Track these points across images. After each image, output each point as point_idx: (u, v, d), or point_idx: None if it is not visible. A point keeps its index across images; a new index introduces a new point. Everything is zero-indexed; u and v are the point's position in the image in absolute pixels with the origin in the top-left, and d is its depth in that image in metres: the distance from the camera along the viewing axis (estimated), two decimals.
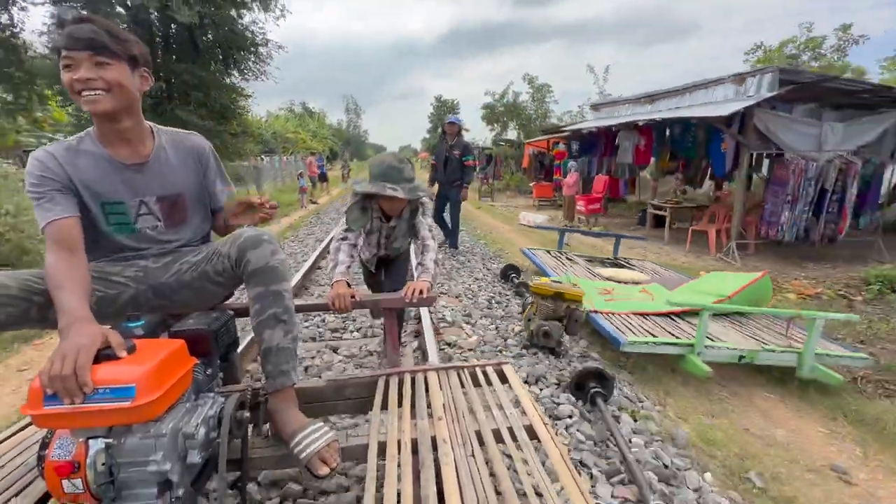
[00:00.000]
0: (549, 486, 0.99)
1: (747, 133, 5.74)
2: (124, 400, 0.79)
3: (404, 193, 1.78)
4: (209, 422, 0.99)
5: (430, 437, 1.17)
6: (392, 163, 1.82)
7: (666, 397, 2.33)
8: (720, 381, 2.54)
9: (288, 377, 1.19)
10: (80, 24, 1.06)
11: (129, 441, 0.86)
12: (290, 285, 1.26)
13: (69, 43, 1.04)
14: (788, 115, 5.91)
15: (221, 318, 1.32)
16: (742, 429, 2.10)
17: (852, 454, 1.98)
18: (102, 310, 1.16)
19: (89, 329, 0.87)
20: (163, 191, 1.25)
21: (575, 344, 2.80)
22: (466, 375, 1.51)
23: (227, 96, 11.12)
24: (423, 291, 1.77)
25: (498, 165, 16.79)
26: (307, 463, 1.09)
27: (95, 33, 1.05)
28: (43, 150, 1.14)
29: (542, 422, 1.25)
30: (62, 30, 1.06)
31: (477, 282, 4.27)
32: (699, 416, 2.17)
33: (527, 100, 20.33)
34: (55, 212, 1.07)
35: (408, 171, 1.84)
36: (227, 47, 10.93)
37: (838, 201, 5.61)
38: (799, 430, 2.14)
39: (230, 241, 1.24)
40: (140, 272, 1.26)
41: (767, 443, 2.00)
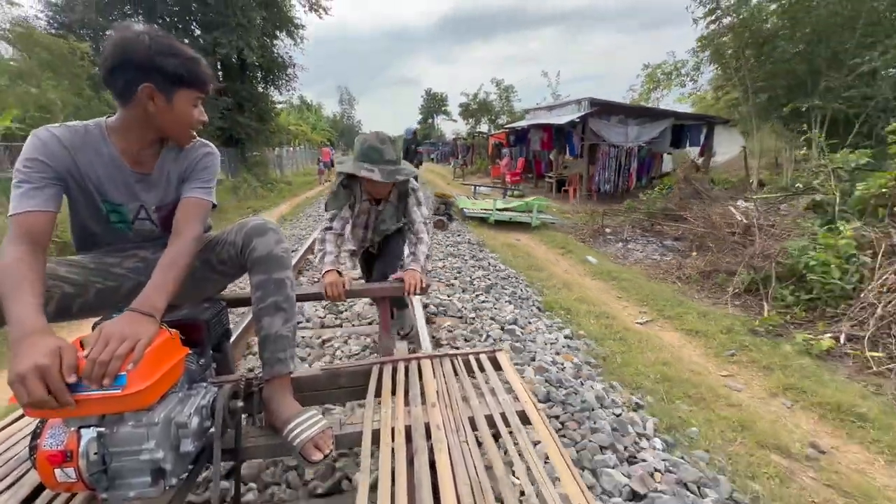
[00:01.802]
0: (541, 470, 1.00)
1: (585, 132, 10.31)
2: (115, 388, 0.79)
3: (381, 176, 1.72)
4: (202, 411, 0.99)
5: (424, 423, 1.18)
6: (373, 143, 1.75)
7: (480, 228, 6.95)
8: (507, 230, 7.15)
9: (285, 365, 1.20)
10: (206, 65, 1.12)
11: (122, 430, 0.86)
12: (292, 274, 1.26)
13: (205, 86, 1.13)
14: (607, 121, 10.45)
15: (214, 308, 1.31)
16: (507, 243, 6.66)
17: (553, 252, 6.48)
18: (102, 302, 1.15)
19: (47, 344, 0.77)
20: (162, 202, 1.22)
21: (460, 223, 7.40)
22: (460, 363, 1.51)
23: (265, 105, 15.56)
24: (420, 283, 1.77)
25: (473, 153, 21.35)
26: (301, 449, 1.09)
27: (214, 78, 1.15)
28: (48, 129, 1.06)
29: (534, 407, 1.25)
30: (188, 63, 1.07)
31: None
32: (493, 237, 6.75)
33: (494, 99, 24.97)
34: (37, 202, 1.00)
35: (389, 152, 1.75)
36: (266, 70, 15.35)
37: (628, 170, 10.21)
38: (555, 260, 6.52)
39: (236, 229, 1.25)
40: (140, 263, 1.24)
41: (522, 249, 6.43)
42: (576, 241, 6.47)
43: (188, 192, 1.20)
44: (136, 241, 1.25)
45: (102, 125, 1.12)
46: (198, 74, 1.09)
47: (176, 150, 1.22)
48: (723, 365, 2.73)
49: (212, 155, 1.28)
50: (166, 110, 1.08)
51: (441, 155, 30.08)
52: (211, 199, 1.24)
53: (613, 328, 3.18)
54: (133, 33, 1.02)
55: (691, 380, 2.48)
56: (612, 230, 6.96)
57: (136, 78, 1.02)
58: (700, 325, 3.26)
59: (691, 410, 2.18)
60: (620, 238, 6.56)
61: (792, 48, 6.84)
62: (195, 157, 1.24)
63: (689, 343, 3.04)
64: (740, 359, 2.79)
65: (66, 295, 1.09)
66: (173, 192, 1.23)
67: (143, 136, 1.13)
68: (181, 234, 1.12)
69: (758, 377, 2.58)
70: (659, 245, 6.11)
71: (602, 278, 4.53)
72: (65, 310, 1.11)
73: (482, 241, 6.06)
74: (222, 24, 12.36)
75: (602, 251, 5.97)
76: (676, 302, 3.77)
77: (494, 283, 3.94)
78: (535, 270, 4.67)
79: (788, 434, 2.03)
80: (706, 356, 2.86)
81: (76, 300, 1.12)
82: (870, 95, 6.29)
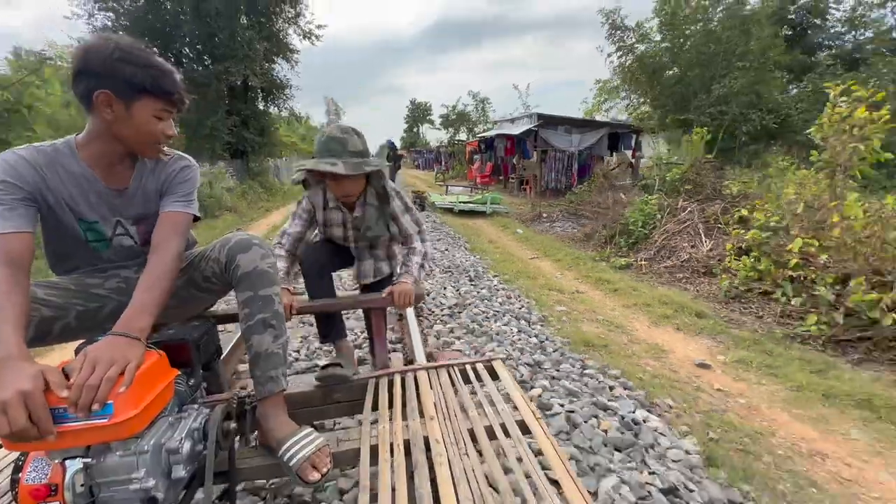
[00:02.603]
0: (544, 482, 0.98)
1: (538, 140, 12.65)
2: (101, 417, 0.75)
3: (345, 168, 1.47)
4: (194, 434, 0.96)
5: (423, 437, 1.15)
6: (333, 133, 1.52)
7: (446, 216, 9.14)
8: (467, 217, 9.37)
9: (277, 383, 1.16)
10: (176, 78, 1.07)
11: (110, 459, 0.83)
12: (280, 289, 1.23)
13: (170, 97, 1.07)
14: (555, 131, 12.81)
15: (202, 326, 1.27)
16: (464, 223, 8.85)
17: (494, 228, 8.71)
18: (83, 324, 1.12)
19: (26, 370, 0.75)
20: (140, 215, 1.19)
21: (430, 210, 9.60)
22: (456, 373, 1.49)
23: (266, 121, 17.69)
24: (410, 296, 1.65)
25: (453, 159, 23.70)
26: (297, 470, 1.06)
27: (185, 92, 1.09)
28: (14, 152, 1.03)
29: (534, 417, 1.23)
30: (151, 72, 1.02)
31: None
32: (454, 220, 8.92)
33: (472, 110, 27.56)
34: (12, 223, 0.97)
35: (353, 142, 1.51)
36: (266, 91, 17.50)
37: (571, 170, 12.56)
38: (495, 232, 8.72)
39: (219, 246, 1.21)
40: (122, 283, 1.21)
41: (472, 226, 8.66)
42: (517, 222, 8.71)
43: (167, 206, 1.17)
44: (116, 260, 1.21)
45: (72, 142, 1.09)
46: (161, 84, 1.04)
47: (152, 163, 1.18)
48: (558, 270, 4.99)
49: (190, 168, 1.24)
50: (124, 119, 1.03)
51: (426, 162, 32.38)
52: (192, 211, 1.20)
53: (510, 259, 5.42)
54: (100, 40, 1.01)
55: (535, 274, 4.72)
56: (547, 215, 9.22)
57: (95, 84, 0.99)
58: (562, 258, 5.50)
59: (527, 282, 4.40)
60: (550, 220, 8.83)
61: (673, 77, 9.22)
62: (173, 171, 1.21)
63: (550, 265, 5.28)
64: (570, 268, 5.05)
65: (45, 318, 1.04)
66: (152, 207, 1.19)
67: (110, 149, 1.09)
68: (160, 250, 1.08)
69: (573, 274, 4.83)
70: (575, 223, 8.38)
71: (519, 240, 6.78)
72: (44, 333, 1.06)
73: (445, 222, 8.28)
74: (231, 56, 14.52)
75: (532, 228, 8.22)
76: (557, 249, 6.02)
77: (451, 243, 6.16)
78: (475, 236, 6.90)
79: (569, 288, 4.26)
80: (553, 268, 5.11)
81: (56, 323, 1.07)
82: (724, 111, 8.69)
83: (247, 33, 14.76)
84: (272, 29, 16.35)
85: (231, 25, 14.36)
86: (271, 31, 16.17)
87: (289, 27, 17.31)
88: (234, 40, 14.49)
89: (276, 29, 16.44)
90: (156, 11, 13.94)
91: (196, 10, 13.77)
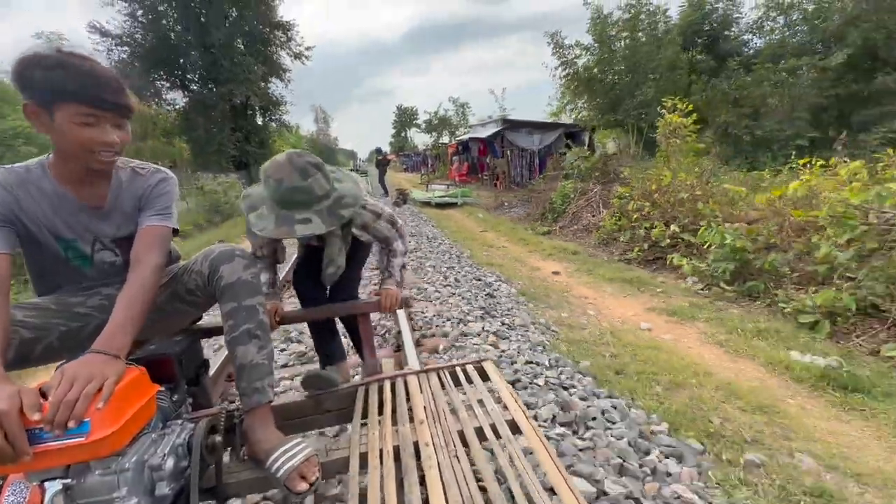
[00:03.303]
0: (534, 481, 0.98)
1: (504, 141, 14.73)
2: (78, 436, 0.74)
3: (323, 223, 1.29)
4: (178, 450, 0.95)
5: (413, 442, 1.15)
6: (293, 182, 1.25)
7: (425, 208, 11.02)
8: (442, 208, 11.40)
9: (263, 394, 1.15)
10: (104, 80, 1.00)
11: (90, 479, 0.81)
12: (264, 300, 1.24)
13: (97, 102, 0.99)
14: (519, 132, 14.88)
15: (185, 340, 1.26)
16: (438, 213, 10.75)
17: (461, 214, 10.70)
18: (66, 344, 1.11)
19: (3, 391, 0.75)
20: (119, 231, 1.18)
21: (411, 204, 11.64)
22: (447, 376, 1.49)
23: (265, 135, 19.70)
24: (396, 299, 1.67)
25: (438, 161, 25.76)
26: (285, 481, 1.04)
27: (121, 95, 1.03)
28: None
29: (524, 415, 1.23)
30: (66, 75, 0.95)
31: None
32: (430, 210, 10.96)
33: (452, 115, 29.73)
34: None
35: (319, 184, 1.29)
36: (263, 108, 19.49)
37: (532, 166, 14.64)
38: (461, 216, 10.40)
39: (201, 258, 1.21)
40: (105, 301, 1.18)
41: (444, 214, 10.51)
42: (481, 210, 10.74)
43: (145, 221, 1.15)
44: (98, 277, 1.20)
45: (44, 162, 1.08)
46: (78, 87, 0.96)
47: (128, 177, 1.18)
48: (496, 236, 7.03)
49: (167, 181, 1.23)
50: (52, 128, 0.98)
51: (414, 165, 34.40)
52: (170, 224, 1.18)
53: (464, 231, 7.46)
54: (29, 51, 0.96)
55: (478, 238, 6.75)
56: (507, 203, 11.26)
57: (24, 97, 0.96)
58: (503, 230, 7.54)
59: (469, 242, 6.43)
60: (509, 207, 10.87)
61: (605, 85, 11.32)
62: (149, 185, 1.19)
63: (492, 234, 7.31)
64: (505, 235, 7.09)
65: (26, 340, 1.03)
66: (131, 223, 1.17)
67: (74, 165, 1.07)
68: (139, 265, 1.07)
69: (505, 238, 6.87)
70: (527, 208, 10.43)
71: (477, 221, 8.82)
72: (26, 355, 1.05)
73: (423, 212, 10.31)
74: (233, 79, 16.50)
75: (492, 213, 10.26)
76: (503, 225, 8.07)
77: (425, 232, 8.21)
78: (444, 220, 8.93)
79: (497, 244, 6.30)
80: (493, 235, 7.14)
81: (38, 344, 1.06)
82: (645, 113, 10.79)
83: (246, 59, 16.76)
84: (267, 53, 18.35)
85: (232, 53, 16.37)
86: (266, 54, 18.17)
87: (281, 50, 19.30)
88: (234, 66, 16.50)
89: (270, 52, 18.43)
90: (165, 45, 15.88)
91: (201, 42, 15.74)
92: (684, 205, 5.20)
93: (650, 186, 5.78)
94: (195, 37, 16.02)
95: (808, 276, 3.38)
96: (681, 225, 4.89)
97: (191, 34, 16.02)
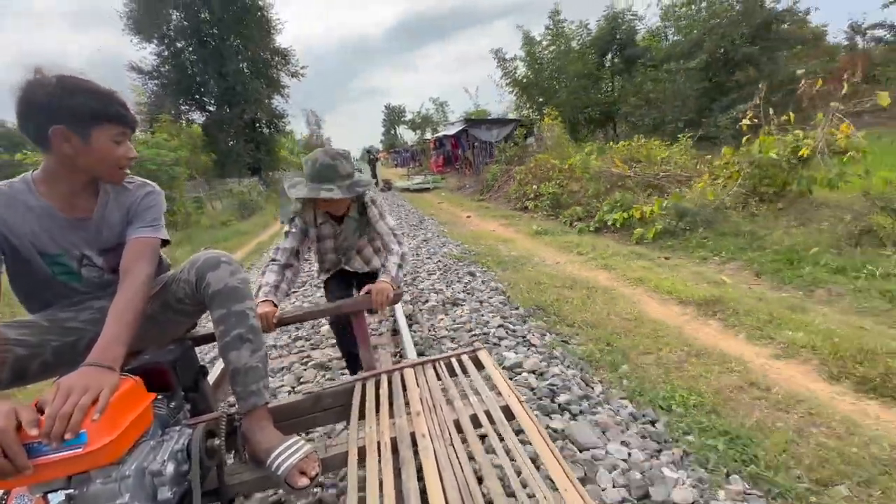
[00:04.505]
0: (527, 463, 1.01)
1: (469, 136, 18.28)
2: (76, 447, 0.77)
3: (341, 192, 1.68)
4: (177, 456, 0.97)
5: (409, 433, 1.18)
6: (324, 161, 1.69)
7: (405, 193, 14.63)
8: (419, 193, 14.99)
9: (259, 396, 1.18)
10: (122, 100, 1.08)
11: (92, 488, 0.84)
12: (254, 304, 1.25)
13: (125, 121, 1.08)
14: (480, 128, 18.33)
15: (178, 349, 1.29)
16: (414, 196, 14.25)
17: (431, 197, 14.23)
18: (61, 360, 1.12)
19: (0, 407, 0.77)
20: (105, 244, 1.19)
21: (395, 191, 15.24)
22: (442, 367, 1.51)
23: (271, 144, 23.27)
24: (389, 295, 1.72)
25: (422, 156, 29.33)
26: (286, 477, 1.07)
27: (133, 112, 1.11)
28: None
29: (517, 400, 1.26)
30: (101, 98, 1.04)
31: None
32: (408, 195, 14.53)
33: (433, 113, 33.41)
34: None
35: (343, 167, 1.71)
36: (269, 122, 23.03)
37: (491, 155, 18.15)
38: (430, 197, 13.96)
39: (188, 266, 1.22)
40: (96, 314, 1.18)
41: (418, 196, 14.06)
42: (447, 192, 14.32)
43: (133, 232, 1.17)
44: (88, 291, 1.22)
45: (29, 178, 1.10)
46: (113, 109, 1.05)
47: (115, 190, 1.19)
48: (449, 205, 10.67)
49: (153, 194, 1.25)
50: (85, 151, 1.04)
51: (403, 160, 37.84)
52: (159, 235, 1.21)
53: (427, 203, 11.09)
54: (37, 76, 0.99)
55: (434, 206, 10.38)
56: (467, 185, 14.82)
57: (46, 121, 0.99)
58: (454, 202, 11.17)
59: (427, 208, 10.05)
60: (468, 188, 14.44)
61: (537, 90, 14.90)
62: (136, 199, 1.21)
63: (446, 204, 10.92)
64: (454, 204, 10.72)
65: (21, 358, 1.04)
66: (118, 235, 1.19)
67: (71, 181, 1.10)
68: (128, 276, 1.09)
69: (453, 206, 10.51)
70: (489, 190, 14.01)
71: (440, 199, 12.43)
72: (21, 372, 1.06)
73: (403, 196, 13.93)
74: (245, 101, 19.96)
75: (454, 193, 13.84)
76: (456, 199, 11.72)
77: (401, 205, 11.85)
78: (417, 200, 12.55)
79: (446, 210, 9.92)
80: (447, 205, 10.77)
81: (33, 362, 1.08)
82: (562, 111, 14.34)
83: (254, 82, 20.25)
84: (269, 75, 21.80)
85: (242, 78, 19.85)
86: (269, 76, 21.62)
87: (280, 70, 22.72)
88: (245, 89, 19.98)
89: (272, 74, 21.89)
90: (188, 78, 19.37)
91: (218, 73, 19.23)
92: (545, 174, 8.78)
93: (531, 164, 9.37)
94: (211, 67, 19.49)
95: (573, 202, 7.00)
96: (539, 185, 8.49)
97: (208, 65, 19.49)
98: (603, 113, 15.45)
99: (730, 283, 3.38)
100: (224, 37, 19.35)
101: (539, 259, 4.68)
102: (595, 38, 15.95)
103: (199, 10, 19.03)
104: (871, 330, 2.39)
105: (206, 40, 19.41)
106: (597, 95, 15.17)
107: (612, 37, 15.92)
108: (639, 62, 15.35)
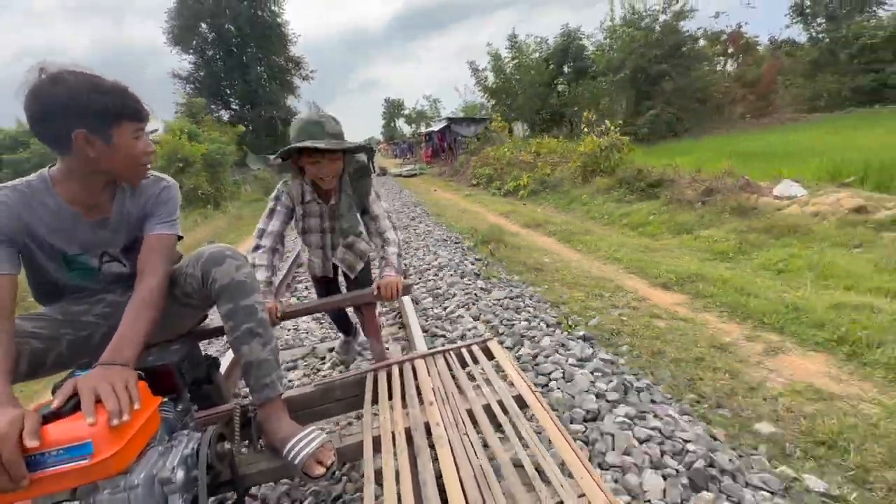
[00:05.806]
0: (544, 453, 1.02)
1: (451, 131, 22.18)
2: (82, 458, 0.74)
3: (325, 144, 1.52)
4: (187, 461, 0.95)
5: (423, 423, 1.19)
6: (311, 118, 1.58)
7: (397, 179, 18.60)
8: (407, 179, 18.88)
9: (273, 388, 1.19)
10: (134, 94, 1.06)
11: (99, 499, 0.81)
12: (261, 297, 1.25)
13: (141, 116, 1.07)
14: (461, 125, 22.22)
15: (182, 348, 1.25)
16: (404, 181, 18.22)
17: (418, 182, 18.08)
18: (76, 353, 1.13)
19: (7, 414, 0.75)
20: (126, 241, 1.21)
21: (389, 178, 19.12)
22: (453, 357, 1.52)
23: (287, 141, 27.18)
24: (398, 287, 1.67)
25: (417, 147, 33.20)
26: (302, 467, 1.09)
27: (146, 106, 1.09)
28: None
29: (530, 390, 1.26)
30: (118, 95, 1.02)
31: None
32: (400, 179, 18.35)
33: (427, 109, 37.41)
34: None
35: (331, 126, 1.57)
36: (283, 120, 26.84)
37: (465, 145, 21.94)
38: (417, 181, 18.03)
39: (194, 261, 1.21)
40: (108, 308, 1.22)
41: (407, 180, 17.43)
42: (431, 177, 18.15)
43: (150, 229, 1.18)
44: (102, 284, 1.23)
45: (46, 177, 1.08)
46: (130, 106, 1.04)
47: (130, 188, 1.19)
48: (431, 186, 14.62)
49: (169, 188, 1.25)
50: (108, 151, 1.02)
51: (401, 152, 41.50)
52: (175, 231, 1.22)
53: (414, 186, 15.03)
54: (48, 79, 0.95)
55: (420, 188, 14.32)
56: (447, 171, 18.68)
57: (66, 125, 0.96)
58: (433, 184, 15.06)
59: (413, 188, 13.98)
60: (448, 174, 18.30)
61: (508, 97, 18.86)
62: (153, 194, 1.22)
63: (426, 185, 14.82)
64: (432, 185, 14.66)
65: (37, 351, 1.06)
66: (138, 231, 1.21)
67: (91, 183, 1.09)
68: (146, 276, 1.10)
69: (432, 186, 14.45)
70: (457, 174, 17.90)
71: (423, 181, 16.35)
72: (38, 366, 1.08)
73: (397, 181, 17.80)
74: (264, 101, 23.81)
75: (435, 177, 17.65)
76: (434, 181, 15.63)
77: (392, 185, 15.80)
78: (405, 182, 16.48)
79: (426, 189, 13.87)
80: (426, 186, 14.70)
81: (49, 355, 1.09)
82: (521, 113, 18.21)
83: (272, 85, 24.08)
84: (284, 78, 25.61)
85: (262, 83, 23.66)
86: (284, 80, 25.43)
87: (294, 75, 26.53)
88: (264, 91, 23.80)
89: (286, 78, 25.68)
90: (217, 82, 23.18)
91: (243, 78, 23.05)
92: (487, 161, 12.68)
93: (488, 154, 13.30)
94: (236, 73, 23.28)
95: (497, 179, 10.94)
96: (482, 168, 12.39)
97: (234, 71, 23.29)
98: (556, 114, 19.37)
99: (534, 209, 7.35)
100: (247, 47, 23.13)
101: (461, 208, 8.65)
102: (553, 51, 19.76)
103: (227, 24, 22.78)
104: (594, 228, 6.36)
105: (233, 50, 23.21)
106: (552, 100, 19.03)
107: (566, 51, 19.72)
108: (589, 72, 19.15)
